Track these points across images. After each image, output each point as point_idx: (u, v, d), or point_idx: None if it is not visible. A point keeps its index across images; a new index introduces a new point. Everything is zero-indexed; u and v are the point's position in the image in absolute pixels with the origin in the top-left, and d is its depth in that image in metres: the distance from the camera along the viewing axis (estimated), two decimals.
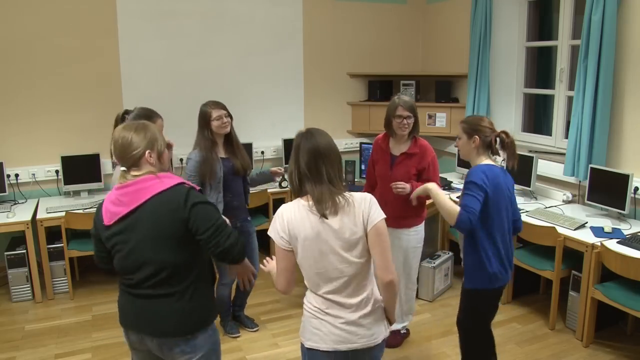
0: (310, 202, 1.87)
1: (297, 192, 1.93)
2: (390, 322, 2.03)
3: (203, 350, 1.95)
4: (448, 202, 2.42)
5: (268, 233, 1.93)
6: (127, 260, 1.89)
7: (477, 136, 2.46)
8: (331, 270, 1.88)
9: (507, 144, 2.49)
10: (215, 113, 3.16)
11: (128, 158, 1.88)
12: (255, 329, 3.61)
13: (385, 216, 1.90)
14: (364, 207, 1.88)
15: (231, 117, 3.26)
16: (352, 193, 1.91)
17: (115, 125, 2.83)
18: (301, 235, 1.86)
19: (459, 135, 2.53)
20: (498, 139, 2.50)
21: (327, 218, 1.84)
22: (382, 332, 1.98)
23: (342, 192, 1.89)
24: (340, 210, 1.86)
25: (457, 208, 2.35)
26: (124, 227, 1.87)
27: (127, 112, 2.82)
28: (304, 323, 1.99)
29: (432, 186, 2.57)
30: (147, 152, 1.89)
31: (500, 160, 2.58)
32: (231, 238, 1.87)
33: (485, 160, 2.48)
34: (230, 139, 3.29)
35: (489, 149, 2.49)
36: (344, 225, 1.86)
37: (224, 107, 3.21)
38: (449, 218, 2.39)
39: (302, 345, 1.99)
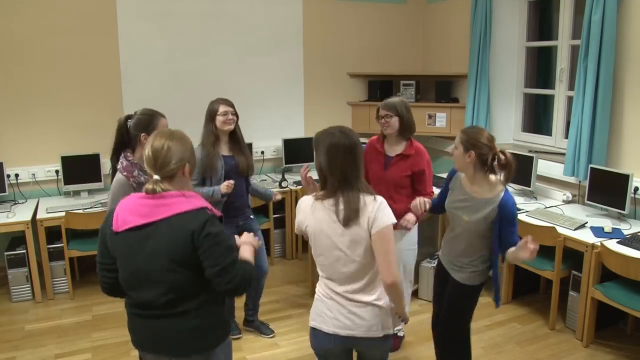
0: (326, 199, 1.98)
1: (322, 186, 2.04)
2: (403, 320, 2.15)
3: None
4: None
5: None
6: (135, 275, 1.80)
7: (472, 151, 2.36)
8: (334, 264, 2.01)
9: (505, 164, 2.36)
10: (221, 109, 3.20)
11: (168, 170, 1.78)
12: (271, 335, 3.54)
13: (394, 221, 1.95)
14: (371, 210, 1.93)
15: (237, 116, 3.28)
16: (366, 195, 1.97)
17: (120, 131, 2.58)
18: (310, 228, 2.03)
19: (455, 144, 2.44)
20: (495, 158, 2.37)
21: (340, 219, 1.94)
22: (381, 327, 2.04)
23: (359, 194, 1.95)
24: (353, 212, 1.93)
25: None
26: (134, 239, 1.77)
27: (129, 117, 2.59)
28: (314, 305, 2.14)
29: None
30: (186, 165, 1.82)
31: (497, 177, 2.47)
32: (233, 282, 1.77)
33: (500, 184, 2.40)
34: (235, 138, 3.32)
35: (485, 166, 2.39)
36: (350, 225, 1.95)
37: (231, 105, 3.25)
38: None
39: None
